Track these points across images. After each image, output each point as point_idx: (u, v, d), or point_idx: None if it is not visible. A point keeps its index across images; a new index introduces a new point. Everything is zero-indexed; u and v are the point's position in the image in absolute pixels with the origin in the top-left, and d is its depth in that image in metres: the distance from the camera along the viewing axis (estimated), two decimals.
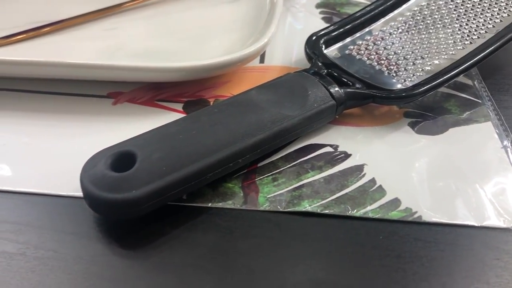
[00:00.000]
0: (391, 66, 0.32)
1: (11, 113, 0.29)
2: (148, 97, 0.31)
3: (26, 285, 0.21)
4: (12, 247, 0.22)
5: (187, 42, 0.34)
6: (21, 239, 0.22)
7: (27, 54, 0.32)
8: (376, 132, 0.29)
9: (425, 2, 0.36)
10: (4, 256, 0.22)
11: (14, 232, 0.23)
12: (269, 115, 0.26)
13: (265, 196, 0.25)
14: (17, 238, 0.22)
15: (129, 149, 0.23)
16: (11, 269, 0.21)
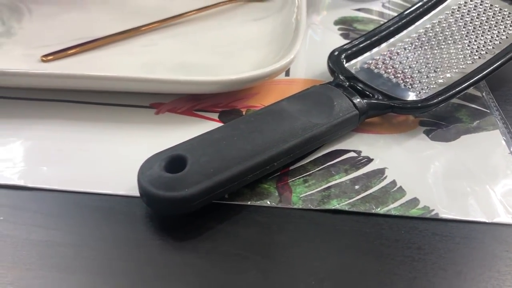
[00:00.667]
0: (406, 79, 0.35)
1: (64, 121, 0.32)
2: (187, 107, 0.34)
3: (95, 270, 0.24)
4: (74, 243, 0.25)
5: (219, 57, 0.37)
6: (79, 236, 0.25)
7: (76, 68, 0.35)
8: (394, 139, 0.32)
9: (436, 20, 0.39)
10: (73, 246, 0.25)
11: (79, 226, 0.26)
12: (300, 123, 0.29)
13: (298, 195, 0.28)
14: (79, 231, 0.26)
15: (180, 153, 0.26)
16: (77, 257, 0.24)
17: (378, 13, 0.46)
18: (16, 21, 0.41)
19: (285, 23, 0.40)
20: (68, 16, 0.42)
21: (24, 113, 0.33)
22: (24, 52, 0.37)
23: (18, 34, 0.39)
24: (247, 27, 0.41)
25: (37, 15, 0.42)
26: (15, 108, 0.33)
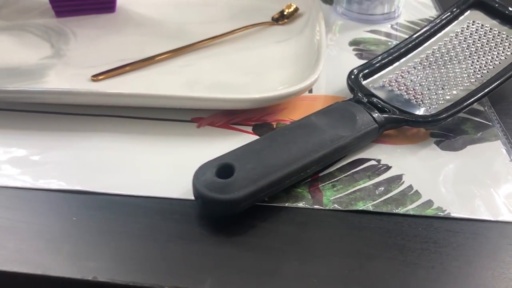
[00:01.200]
0: (417, 95, 0.39)
1: (117, 134, 0.37)
2: (224, 121, 0.38)
3: (161, 259, 0.28)
4: (142, 237, 0.29)
5: (249, 76, 0.42)
6: (146, 232, 0.30)
7: (123, 87, 0.40)
8: (409, 149, 0.36)
9: (442, 42, 0.43)
10: (134, 240, 0.29)
11: (141, 227, 0.30)
12: (328, 136, 0.33)
13: (328, 198, 0.32)
14: (145, 229, 0.30)
15: (229, 162, 0.30)
16: (148, 248, 0.28)
17: (387, 34, 0.51)
18: (64, 43, 0.45)
19: (307, 45, 0.44)
20: (109, 39, 0.46)
21: (83, 127, 0.37)
22: (74, 72, 0.41)
23: (67, 56, 0.44)
24: (271, 48, 0.46)
25: (82, 37, 0.46)
26: (73, 123, 0.37)
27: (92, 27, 0.48)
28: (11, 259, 0.28)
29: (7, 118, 0.38)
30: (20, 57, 0.43)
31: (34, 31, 0.47)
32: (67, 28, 0.47)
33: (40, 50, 0.44)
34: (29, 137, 0.36)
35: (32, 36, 0.46)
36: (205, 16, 0.50)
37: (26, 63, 0.42)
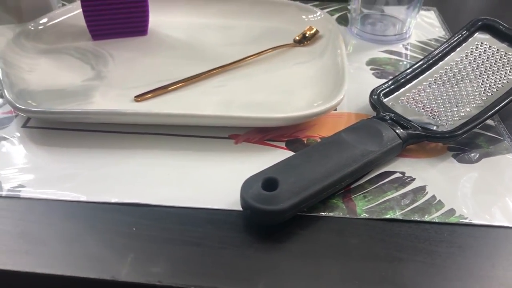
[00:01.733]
0: (434, 112, 0.43)
1: (162, 151, 0.40)
2: (258, 138, 0.42)
3: (209, 264, 0.31)
4: (197, 245, 0.33)
5: (279, 95, 0.45)
6: (201, 240, 0.33)
7: (164, 107, 0.43)
8: (429, 162, 0.40)
9: (453, 62, 0.47)
10: (191, 247, 0.32)
11: (197, 236, 0.33)
12: (358, 151, 0.37)
13: (361, 208, 0.35)
14: (200, 237, 0.33)
15: (273, 176, 0.34)
16: (203, 255, 0.32)
17: (401, 54, 0.54)
18: (103, 65, 0.49)
19: (329, 66, 0.48)
20: (144, 61, 0.50)
21: (130, 145, 0.40)
22: (118, 93, 0.45)
23: (108, 77, 0.47)
24: (296, 69, 0.49)
25: (119, 60, 0.50)
26: (121, 141, 0.41)
27: (128, 49, 0.51)
28: (83, 266, 0.31)
29: (61, 137, 0.41)
30: (64, 79, 0.46)
31: (73, 54, 0.50)
32: (104, 51, 0.51)
33: (82, 72, 0.47)
34: (82, 154, 0.39)
35: (72, 58, 0.49)
36: (229, 38, 0.54)
37: (71, 85, 0.45)
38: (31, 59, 0.48)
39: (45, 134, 0.41)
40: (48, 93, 0.44)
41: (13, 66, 0.46)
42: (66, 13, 0.54)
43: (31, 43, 0.50)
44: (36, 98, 0.43)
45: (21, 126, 0.42)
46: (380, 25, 0.58)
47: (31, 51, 0.49)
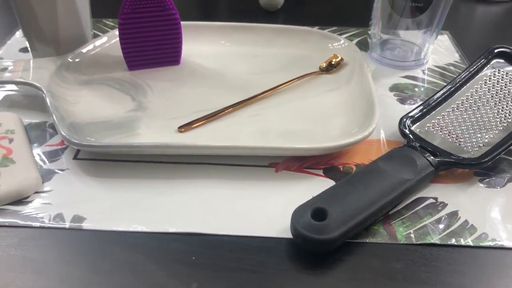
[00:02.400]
0: (459, 139, 0.46)
1: (207, 180, 0.42)
2: (297, 166, 0.44)
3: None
4: (253, 272, 0.35)
5: (312, 123, 0.48)
6: (256, 266, 0.35)
7: (205, 137, 0.46)
8: (458, 187, 0.43)
9: (473, 89, 0.50)
10: (248, 274, 0.35)
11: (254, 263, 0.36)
12: (396, 180, 0.40)
13: (401, 234, 0.38)
14: (255, 265, 0.36)
15: (322, 206, 0.36)
16: (257, 279, 0.34)
17: (421, 79, 0.57)
18: (143, 96, 0.51)
19: (356, 93, 0.51)
20: (181, 91, 0.52)
21: (177, 175, 0.43)
22: (161, 124, 0.47)
23: (149, 108, 0.49)
24: (325, 96, 0.52)
25: (157, 90, 0.52)
26: (169, 170, 0.43)
27: (163, 79, 0.54)
28: None
29: (112, 168, 0.43)
30: (108, 111, 0.48)
31: (113, 84, 0.52)
32: (141, 81, 0.53)
33: (124, 103, 0.50)
34: (135, 185, 0.42)
35: (112, 89, 0.52)
36: (257, 66, 0.57)
37: (116, 116, 0.48)
38: (73, 91, 0.51)
39: (96, 166, 0.43)
40: (95, 125, 0.46)
41: (59, 99, 0.48)
42: (101, 44, 0.56)
43: (71, 75, 0.52)
44: (84, 130, 0.45)
45: (72, 158, 0.44)
46: (398, 50, 0.61)
47: (72, 82, 0.52)
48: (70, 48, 0.55)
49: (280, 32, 0.60)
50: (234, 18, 0.71)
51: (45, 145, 0.46)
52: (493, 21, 0.74)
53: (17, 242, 0.37)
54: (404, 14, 0.56)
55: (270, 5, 0.71)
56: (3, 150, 0.43)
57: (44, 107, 0.47)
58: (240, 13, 0.73)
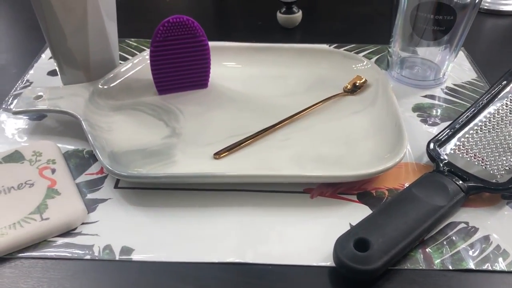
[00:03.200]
0: (486, 162, 0.47)
1: (245, 208, 0.44)
2: (331, 191, 0.46)
3: None
4: None
5: (342, 147, 0.49)
6: None
7: (241, 163, 0.47)
8: (487, 211, 0.44)
9: (496, 111, 0.52)
10: None
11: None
12: (430, 207, 0.41)
13: (437, 259, 0.40)
14: None
15: (364, 237, 0.38)
16: None
17: (441, 98, 0.59)
18: (175, 121, 0.52)
19: (382, 115, 0.52)
20: (212, 115, 0.53)
21: (218, 202, 0.44)
22: (196, 150, 0.48)
23: (183, 134, 0.51)
24: (351, 119, 0.53)
25: (188, 115, 0.53)
26: (208, 197, 0.44)
27: (193, 103, 0.55)
28: None
29: (153, 196, 0.44)
30: (144, 138, 0.50)
31: (145, 110, 0.54)
32: (172, 106, 0.54)
33: (158, 130, 0.51)
34: (176, 213, 0.43)
35: (145, 115, 0.53)
36: (283, 88, 0.58)
37: (152, 144, 0.49)
38: (107, 117, 0.52)
39: (137, 194, 0.45)
40: (133, 153, 0.48)
41: (95, 127, 0.49)
42: (131, 68, 0.57)
43: (104, 101, 0.53)
44: (123, 159, 0.47)
45: (114, 187, 0.45)
46: (417, 69, 0.62)
47: (105, 108, 0.53)
48: (99, 71, 0.56)
49: (303, 52, 0.61)
50: (252, 35, 0.73)
51: (85, 173, 0.47)
52: (503, 34, 0.76)
53: (71, 275, 0.38)
54: (424, 37, 0.57)
55: (288, 23, 0.73)
56: (47, 181, 0.44)
57: (78, 133, 0.48)
58: (258, 30, 0.74)
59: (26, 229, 0.40)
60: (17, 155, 0.47)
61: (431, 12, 0.54)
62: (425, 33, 0.57)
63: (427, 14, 0.55)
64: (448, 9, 0.54)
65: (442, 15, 0.54)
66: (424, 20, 0.55)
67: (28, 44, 0.69)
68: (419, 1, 0.54)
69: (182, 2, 0.83)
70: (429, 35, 0.57)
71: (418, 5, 0.54)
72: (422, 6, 0.54)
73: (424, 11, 0.55)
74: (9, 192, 0.43)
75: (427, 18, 0.55)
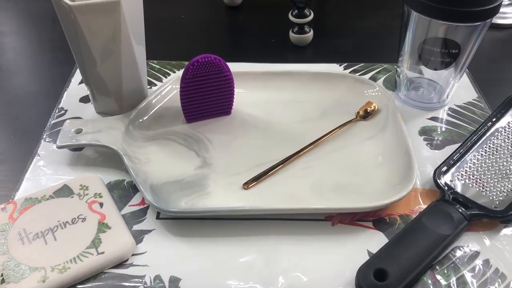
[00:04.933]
0: (486, 187, 0.53)
1: (272, 236, 0.49)
2: (349, 218, 0.51)
3: None
4: None
5: (358, 175, 0.55)
6: None
7: (266, 193, 0.52)
8: (487, 235, 0.50)
9: (495, 137, 0.57)
10: None
11: None
12: (439, 236, 0.47)
13: (444, 283, 0.46)
14: None
15: (382, 267, 0.44)
16: None
17: (444, 120, 0.64)
18: (205, 151, 0.57)
19: (393, 143, 0.57)
20: (238, 144, 0.58)
21: (245, 231, 0.49)
22: (227, 181, 0.54)
23: (213, 164, 0.56)
24: (364, 145, 0.59)
25: (216, 144, 0.58)
26: (236, 227, 0.50)
27: (219, 131, 0.60)
28: None
29: (193, 227, 0.50)
30: (178, 169, 0.55)
31: (176, 139, 0.59)
32: (201, 135, 0.59)
33: (190, 160, 0.56)
34: (216, 243, 0.48)
35: (177, 145, 0.58)
36: (300, 113, 0.63)
37: (186, 175, 0.54)
38: (143, 148, 0.57)
39: (176, 224, 0.50)
40: (171, 185, 0.53)
41: (134, 160, 0.54)
42: (161, 99, 0.62)
43: (138, 132, 0.58)
44: (163, 192, 0.52)
45: (156, 218, 0.51)
46: (422, 90, 0.67)
47: (140, 139, 0.58)
48: (130, 99, 0.61)
49: (317, 77, 0.66)
50: (266, 52, 0.77)
51: (129, 205, 0.52)
52: (501, 48, 0.80)
53: None
54: (429, 66, 0.62)
55: (300, 41, 0.77)
56: (98, 216, 0.49)
57: (117, 163, 0.53)
58: (271, 48, 0.78)
59: (85, 263, 0.45)
60: (66, 189, 0.52)
61: (437, 46, 0.59)
62: (430, 63, 0.62)
63: (433, 47, 0.59)
64: (453, 44, 0.58)
65: (448, 49, 0.59)
66: (430, 52, 0.60)
67: (56, 68, 0.73)
68: (425, 37, 0.59)
69: (196, 16, 0.87)
70: (434, 64, 0.62)
71: (425, 40, 0.59)
72: (428, 41, 0.59)
73: (430, 44, 0.59)
74: (65, 227, 0.48)
75: (433, 51, 0.60)
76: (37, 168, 0.56)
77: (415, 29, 0.59)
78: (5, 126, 0.62)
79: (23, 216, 0.49)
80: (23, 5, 0.90)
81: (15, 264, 0.45)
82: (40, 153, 0.58)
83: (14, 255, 0.46)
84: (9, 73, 0.71)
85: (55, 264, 0.45)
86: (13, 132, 0.61)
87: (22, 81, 0.70)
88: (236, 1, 0.88)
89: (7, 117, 0.63)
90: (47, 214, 0.49)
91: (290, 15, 0.76)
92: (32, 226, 0.48)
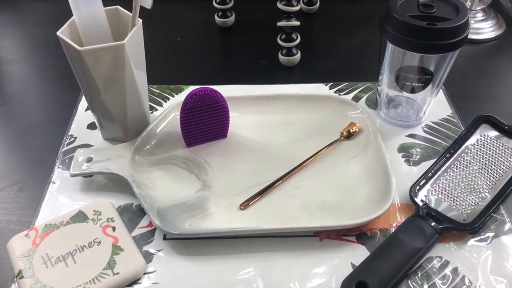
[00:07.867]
0: (456, 201, 0.60)
1: (268, 253, 0.56)
2: (335, 234, 0.58)
3: None
4: None
5: (343, 194, 0.61)
6: None
7: (261, 212, 0.59)
8: (456, 245, 0.57)
9: (465, 153, 0.64)
10: None
11: None
12: (413, 249, 0.54)
13: None
14: None
15: (363, 280, 0.50)
16: None
17: (421, 137, 0.70)
18: (205, 174, 0.63)
19: (374, 162, 0.63)
20: (234, 167, 0.64)
21: (242, 249, 0.56)
22: (226, 202, 0.60)
23: (213, 187, 0.62)
24: (348, 164, 0.65)
25: (214, 167, 0.64)
26: (235, 245, 0.56)
27: (217, 154, 0.66)
28: None
29: (198, 246, 0.56)
30: (181, 192, 0.61)
31: (178, 164, 0.65)
32: (200, 158, 0.65)
33: (192, 184, 0.62)
34: (218, 261, 0.55)
35: (179, 169, 0.64)
36: (289, 135, 0.69)
37: (189, 198, 0.60)
38: (148, 173, 0.63)
39: (182, 244, 0.56)
40: (175, 208, 0.59)
41: (141, 186, 0.60)
42: (163, 127, 0.68)
43: (143, 158, 0.64)
44: (168, 214, 0.58)
45: (163, 239, 0.57)
46: (401, 108, 0.73)
47: (145, 165, 0.64)
48: (134, 125, 0.66)
49: (305, 99, 0.72)
50: (257, 73, 0.83)
51: (138, 227, 0.58)
52: (475, 63, 0.86)
53: None
54: (405, 89, 0.68)
55: (288, 63, 0.83)
56: (111, 239, 0.55)
57: (125, 188, 0.59)
58: (262, 68, 0.84)
59: (103, 283, 0.51)
60: (81, 215, 0.58)
61: (412, 73, 0.65)
62: (406, 87, 0.68)
63: (407, 74, 0.65)
64: (426, 71, 0.64)
65: (422, 75, 0.65)
66: (405, 78, 0.66)
67: (63, 95, 0.78)
68: (400, 65, 0.65)
69: (191, 38, 0.92)
70: (409, 88, 0.68)
71: (400, 67, 0.65)
72: (403, 68, 0.65)
73: (405, 71, 0.65)
74: (83, 250, 0.54)
75: (408, 77, 0.66)
76: (53, 195, 0.62)
77: (391, 57, 0.65)
78: (22, 155, 0.68)
79: (44, 242, 0.55)
80: (27, 31, 0.95)
81: (42, 286, 0.51)
82: (54, 180, 0.63)
83: (40, 278, 0.52)
84: (20, 102, 0.77)
85: (76, 285, 0.51)
86: (29, 160, 0.67)
87: (33, 110, 0.75)
88: (228, 23, 0.93)
89: (22, 146, 0.69)
90: (66, 239, 0.55)
91: (278, 39, 0.81)
92: (53, 251, 0.54)
